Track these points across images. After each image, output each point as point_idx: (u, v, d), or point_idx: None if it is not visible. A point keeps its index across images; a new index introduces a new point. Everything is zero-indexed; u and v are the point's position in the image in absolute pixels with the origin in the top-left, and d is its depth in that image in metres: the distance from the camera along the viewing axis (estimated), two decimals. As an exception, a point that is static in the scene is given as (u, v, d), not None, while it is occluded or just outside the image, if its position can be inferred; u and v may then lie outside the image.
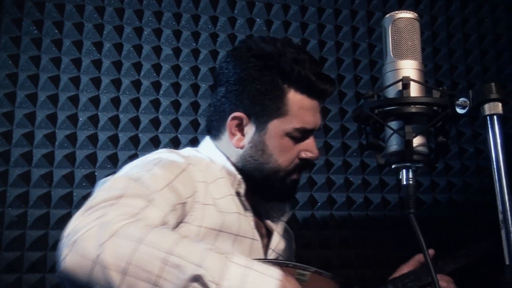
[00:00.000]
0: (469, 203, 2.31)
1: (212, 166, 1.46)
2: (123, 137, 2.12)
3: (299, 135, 1.43)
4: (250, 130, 1.44)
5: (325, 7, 2.38)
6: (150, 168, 1.26)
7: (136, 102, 2.16)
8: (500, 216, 1.03)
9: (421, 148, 1.18)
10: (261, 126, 1.42)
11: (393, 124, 1.20)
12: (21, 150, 2.02)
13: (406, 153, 1.16)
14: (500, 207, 1.03)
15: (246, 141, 1.44)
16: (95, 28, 2.17)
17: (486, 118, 1.08)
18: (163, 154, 1.38)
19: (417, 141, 1.17)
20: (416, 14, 1.23)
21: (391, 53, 1.21)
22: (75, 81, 2.12)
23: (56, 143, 2.06)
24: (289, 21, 2.34)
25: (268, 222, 1.57)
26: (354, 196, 2.26)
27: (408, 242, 1.56)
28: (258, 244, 1.45)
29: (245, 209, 1.46)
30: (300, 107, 1.42)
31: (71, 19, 2.16)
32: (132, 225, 0.99)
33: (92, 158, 2.08)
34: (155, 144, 2.14)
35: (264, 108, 1.41)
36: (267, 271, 1.01)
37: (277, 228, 1.57)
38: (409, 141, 1.15)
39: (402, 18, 1.22)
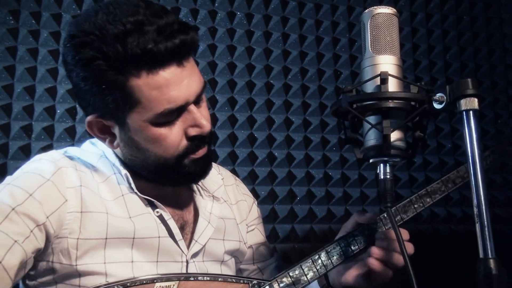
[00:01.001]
0: (446, 198, 2.34)
1: (104, 163, 1.33)
2: (101, 130, 2.10)
3: (169, 118, 1.20)
4: (115, 129, 1.24)
5: (306, 1, 2.38)
6: None
7: (115, 95, 2.14)
8: (475, 210, 1.04)
9: (398, 143, 1.19)
10: (120, 123, 1.22)
11: (371, 119, 1.20)
12: (-3, 142, 1.99)
13: (383, 148, 1.17)
14: (475, 201, 1.04)
15: (118, 140, 1.26)
16: (73, 18, 2.14)
17: (462, 113, 1.09)
18: (33, 164, 1.27)
19: (394, 135, 1.18)
20: (394, 10, 1.23)
21: (370, 48, 1.22)
22: (53, 72, 2.09)
23: (33, 136, 2.03)
24: (270, 15, 2.34)
25: (197, 200, 1.43)
26: (333, 191, 2.27)
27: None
28: (168, 241, 1.30)
29: (147, 204, 1.32)
30: (151, 88, 1.15)
31: (48, 9, 2.12)
32: None
33: (69, 151, 2.06)
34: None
35: (112, 107, 1.18)
36: None
37: (214, 209, 1.43)
38: (386, 136, 1.16)
39: (380, 13, 1.22)
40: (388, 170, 1.20)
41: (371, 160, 1.23)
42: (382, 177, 1.21)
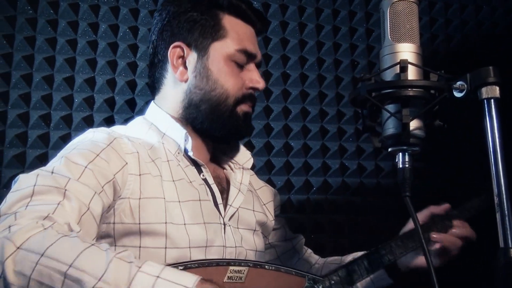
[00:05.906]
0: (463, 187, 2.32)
1: (153, 133, 1.45)
2: (118, 119, 2.11)
3: (242, 59, 1.45)
4: (192, 59, 1.44)
5: (323, -9, 2.37)
6: (67, 154, 1.24)
7: (132, 84, 2.15)
8: (496, 199, 1.03)
9: (417, 132, 1.17)
10: (202, 51, 1.44)
11: (390, 107, 1.19)
12: (16, 131, 2.00)
13: (402, 136, 1.16)
14: (495, 191, 1.03)
15: (189, 72, 1.44)
16: (91, 9, 2.15)
17: (483, 102, 1.08)
18: (88, 134, 1.37)
19: (413, 124, 1.16)
20: (414, -3, 1.22)
21: (389, 36, 1.20)
22: (71, 62, 2.10)
23: (52, 125, 2.05)
24: (287, 5, 2.33)
25: (228, 174, 1.55)
26: (350, 181, 2.26)
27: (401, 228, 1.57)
28: (209, 204, 1.40)
29: (194, 165, 1.44)
30: (237, 30, 1.46)
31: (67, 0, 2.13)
32: (38, 236, 0.97)
33: (87, 140, 2.07)
34: (151, 126, 2.12)
35: (202, 33, 1.44)
36: (179, 279, 0.97)
37: (244, 179, 1.54)
38: (405, 124, 1.14)
39: (400, 0, 1.20)
40: (406, 159, 1.19)
41: (389, 149, 1.22)
42: (400, 166, 1.19)
